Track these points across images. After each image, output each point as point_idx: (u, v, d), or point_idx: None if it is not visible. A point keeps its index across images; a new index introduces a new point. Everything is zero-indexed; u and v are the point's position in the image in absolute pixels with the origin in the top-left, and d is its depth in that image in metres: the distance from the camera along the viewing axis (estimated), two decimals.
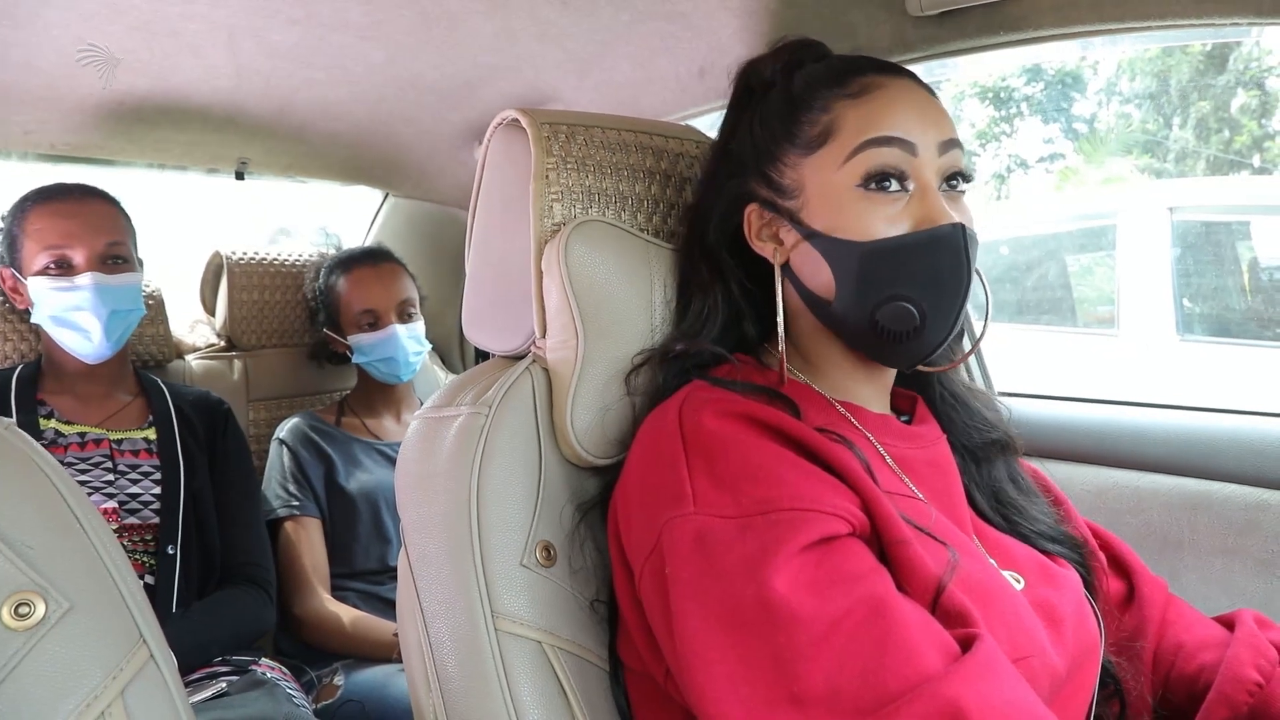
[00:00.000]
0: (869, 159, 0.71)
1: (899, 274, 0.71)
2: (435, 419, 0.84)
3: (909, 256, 0.71)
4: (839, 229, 0.72)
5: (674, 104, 1.44)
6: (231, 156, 1.80)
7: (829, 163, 0.73)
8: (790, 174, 0.76)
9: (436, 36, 1.30)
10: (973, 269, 0.72)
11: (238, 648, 1.38)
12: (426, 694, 0.79)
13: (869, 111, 0.72)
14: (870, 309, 0.71)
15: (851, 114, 0.73)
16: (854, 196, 0.72)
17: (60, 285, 1.36)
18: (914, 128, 0.72)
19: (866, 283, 0.71)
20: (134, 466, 1.40)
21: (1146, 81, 8.64)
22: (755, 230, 0.79)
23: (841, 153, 0.72)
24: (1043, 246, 5.23)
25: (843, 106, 0.73)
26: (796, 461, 0.66)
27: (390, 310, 1.74)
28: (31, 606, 0.58)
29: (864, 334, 0.73)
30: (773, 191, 0.77)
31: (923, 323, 0.71)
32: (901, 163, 0.71)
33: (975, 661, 0.57)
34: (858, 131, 0.72)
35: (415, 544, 0.81)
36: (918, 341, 0.72)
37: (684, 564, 0.62)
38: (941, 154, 0.73)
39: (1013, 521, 0.81)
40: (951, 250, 0.71)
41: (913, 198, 0.72)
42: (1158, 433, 1.28)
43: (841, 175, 0.72)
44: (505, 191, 0.87)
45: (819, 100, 0.75)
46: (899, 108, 0.72)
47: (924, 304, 0.70)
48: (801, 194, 0.75)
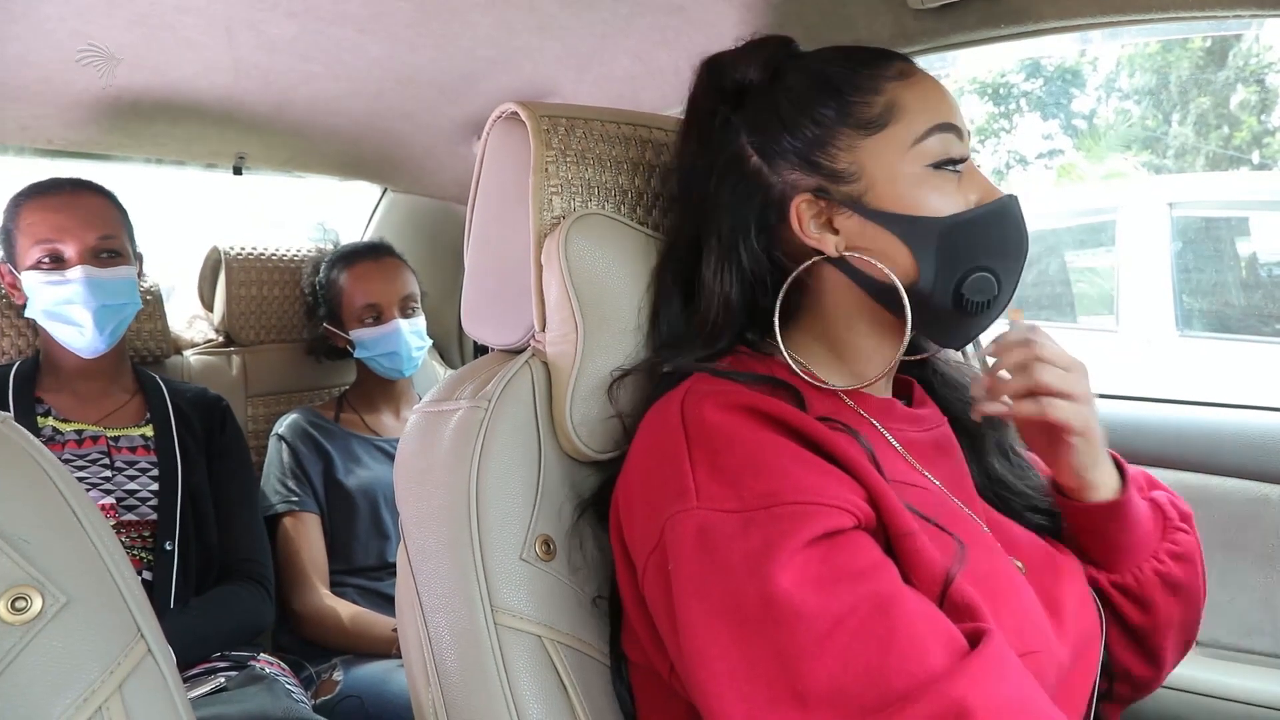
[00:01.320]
0: (942, 143, 0.73)
1: (978, 245, 0.73)
2: (434, 413, 0.83)
3: (985, 228, 0.74)
4: (914, 209, 0.72)
5: (673, 98, 1.43)
6: (229, 152, 1.80)
7: (896, 144, 0.73)
8: (845, 157, 0.73)
9: (435, 30, 1.30)
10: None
11: (236, 643, 1.38)
12: (426, 689, 0.79)
13: (923, 94, 0.74)
14: (956, 282, 0.73)
15: (908, 95, 0.74)
16: (924, 177, 0.73)
17: (52, 279, 1.36)
18: (957, 115, 0.75)
19: (952, 257, 0.72)
20: (131, 463, 1.40)
21: (1146, 77, 8.64)
22: (804, 222, 0.75)
23: (910, 135, 0.73)
24: (1042, 242, 5.22)
25: (895, 88, 0.74)
26: (800, 453, 0.65)
27: (393, 305, 1.74)
28: (28, 600, 0.58)
29: (946, 310, 0.74)
30: (826, 178, 0.74)
31: (999, 290, 0.74)
32: (958, 149, 0.74)
33: (982, 659, 0.57)
34: (924, 114, 0.73)
35: (414, 539, 0.81)
36: (993, 310, 0.75)
37: (687, 560, 0.62)
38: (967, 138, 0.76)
39: (1003, 498, 0.81)
40: (1016, 219, 0.76)
41: (963, 177, 0.74)
42: (1158, 427, 1.28)
43: (911, 156, 0.73)
44: (504, 185, 0.87)
45: (864, 81, 0.74)
46: (943, 95, 0.75)
47: (999, 272, 0.74)
48: (863, 177, 0.73)
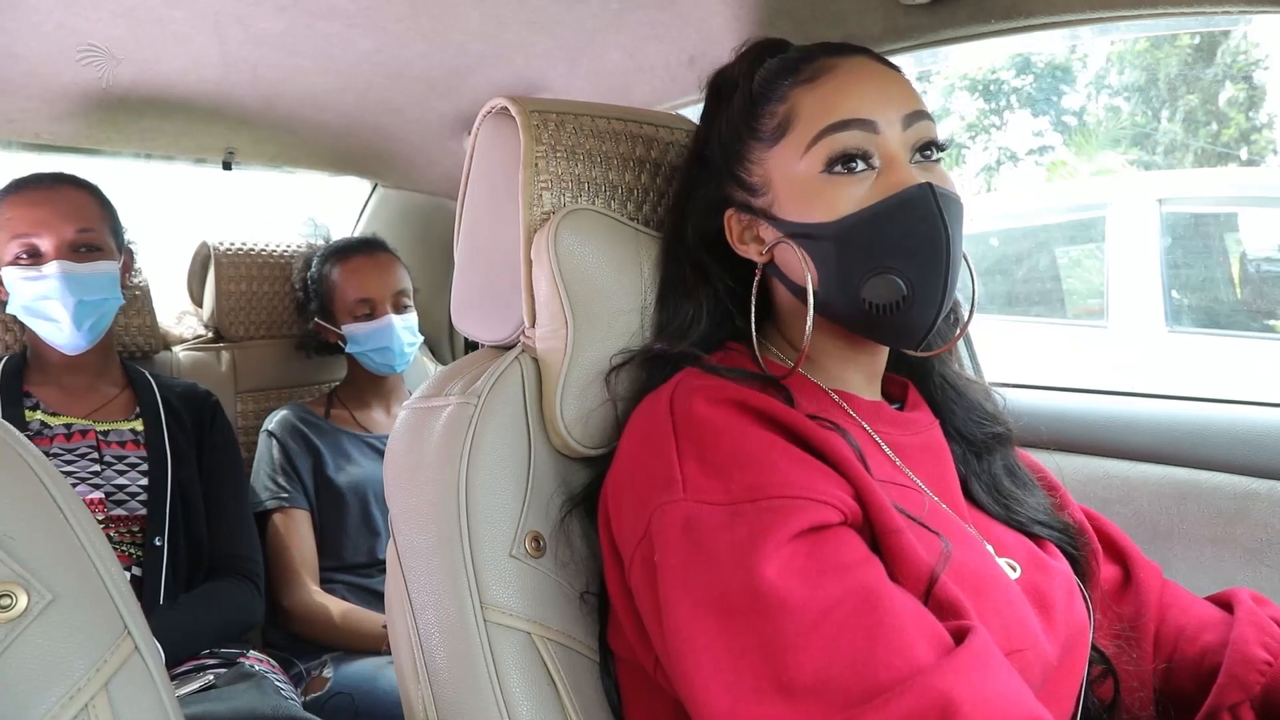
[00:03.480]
0: (830, 145, 0.70)
1: (875, 245, 0.69)
2: (424, 409, 0.83)
3: (881, 225, 0.69)
4: (809, 216, 0.72)
5: (664, 93, 1.43)
6: (219, 146, 1.79)
7: (791, 153, 0.73)
8: (758, 170, 0.75)
9: (425, 24, 1.29)
10: (952, 229, 0.69)
11: (226, 640, 1.37)
12: (416, 685, 0.78)
13: (824, 95, 0.72)
14: (855, 288, 0.70)
15: (807, 100, 0.72)
16: (820, 183, 0.71)
17: (29, 275, 1.34)
18: (872, 106, 0.70)
19: (845, 263, 0.70)
20: (121, 458, 1.39)
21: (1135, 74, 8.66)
22: (737, 234, 0.78)
23: (802, 141, 0.72)
24: (1033, 238, 5.24)
25: (798, 94, 0.73)
26: (788, 449, 0.65)
27: (386, 300, 1.73)
28: (13, 598, 0.58)
29: (857, 316, 0.72)
30: (745, 192, 0.77)
31: (912, 292, 0.69)
32: (863, 143, 0.70)
33: (967, 654, 0.57)
34: (815, 118, 0.71)
35: (404, 535, 0.80)
36: (912, 313, 0.70)
37: (673, 550, 0.62)
38: (906, 127, 0.71)
39: (1011, 510, 0.81)
40: (923, 211, 0.69)
41: (880, 174, 0.71)
42: (1147, 422, 1.28)
43: (805, 164, 0.72)
44: (494, 180, 0.86)
45: (776, 92, 0.74)
46: (854, 88, 0.72)
47: (908, 271, 0.69)
48: (770, 189, 0.75)
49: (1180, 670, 0.82)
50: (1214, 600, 0.85)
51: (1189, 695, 0.80)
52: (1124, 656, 0.81)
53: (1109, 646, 0.80)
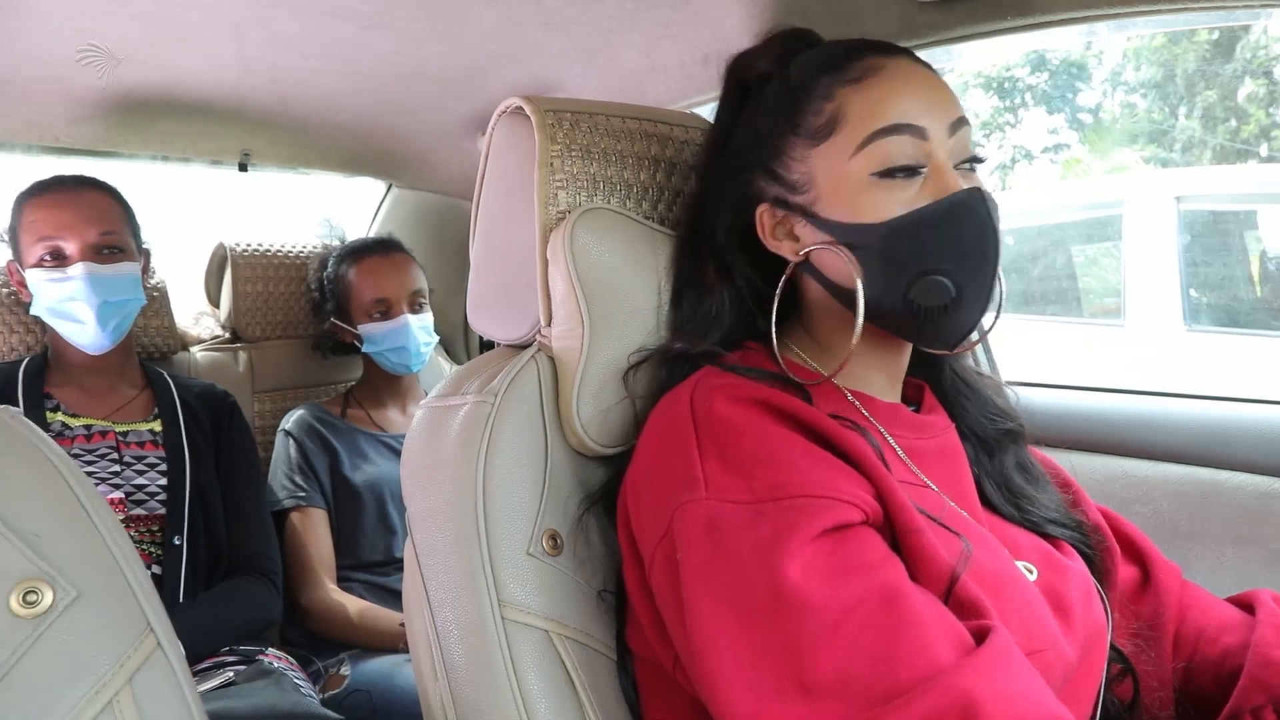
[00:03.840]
0: (881, 149, 0.70)
1: (925, 248, 0.69)
2: (441, 408, 0.83)
3: (932, 228, 0.69)
4: (857, 216, 0.71)
5: (678, 92, 1.43)
6: (235, 149, 1.80)
7: (839, 153, 0.71)
8: (799, 167, 0.74)
9: (440, 25, 1.30)
10: (999, 234, 0.71)
11: (245, 638, 1.38)
12: (434, 682, 0.79)
13: (873, 97, 0.71)
14: (903, 289, 0.70)
15: (856, 100, 0.71)
16: (869, 184, 0.70)
17: (54, 276, 1.36)
18: (921, 111, 0.70)
19: (893, 263, 0.70)
20: (140, 458, 1.40)
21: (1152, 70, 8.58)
22: (769, 230, 0.77)
23: (851, 142, 0.71)
24: (1048, 236, 5.21)
25: (846, 93, 0.72)
26: (809, 448, 0.65)
27: (402, 300, 1.74)
28: (39, 594, 0.58)
29: (901, 316, 0.71)
30: (782, 188, 0.75)
31: (959, 294, 0.69)
32: (914, 149, 0.70)
33: (989, 653, 0.57)
34: (866, 120, 0.70)
35: (421, 533, 0.81)
36: (957, 315, 0.70)
37: (695, 549, 0.61)
38: (952, 134, 0.72)
39: (1024, 510, 0.80)
40: (974, 215, 0.69)
41: (927, 179, 0.71)
42: (1166, 421, 1.27)
43: (854, 165, 0.71)
44: (509, 179, 0.86)
45: (820, 88, 0.73)
46: (904, 91, 0.71)
47: (957, 274, 0.69)
48: (813, 187, 0.73)
49: (1201, 671, 0.81)
50: (1235, 601, 0.85)
51: (1209, 696, 0.79)
52: (1143, 657, 0.80)
53: (1127, 646, 0.80)
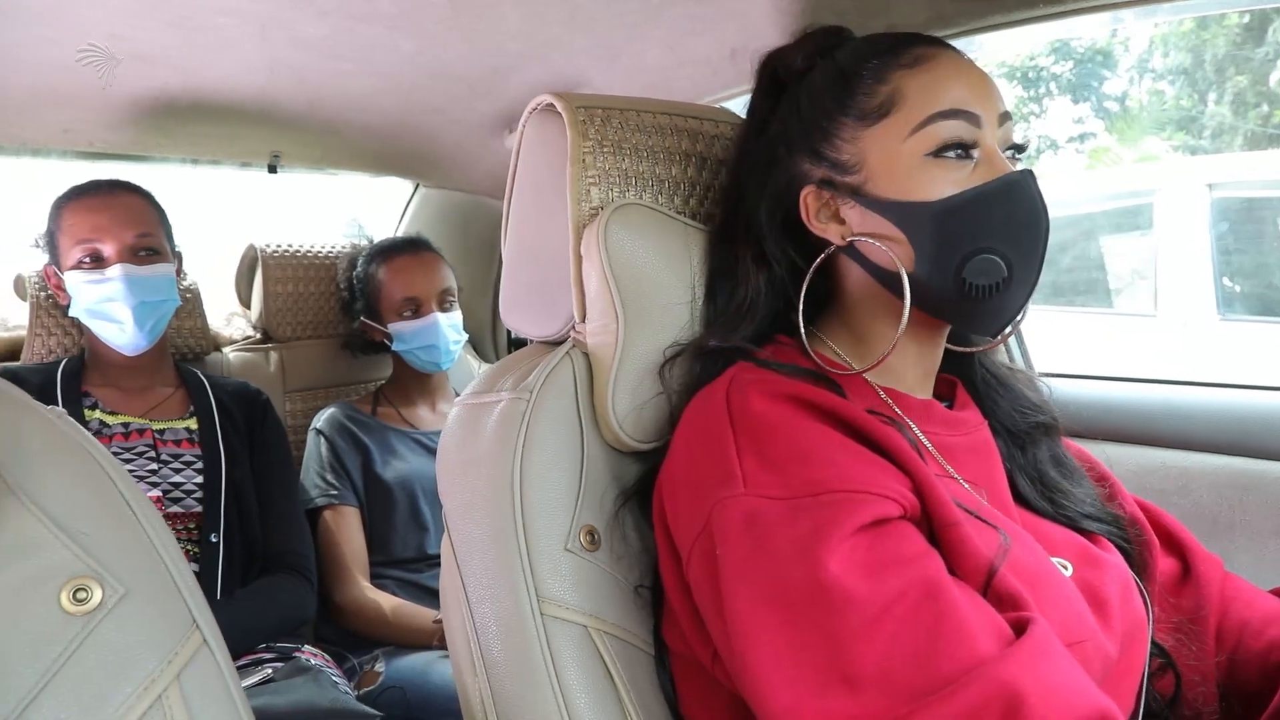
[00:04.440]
0: (938, 131, 0.70)
1: (978, 226, 0.70)
2: (476, 405, 0.84)
3: (985, 206, 0.70)
4: (909, 195, 0.71)
5: (705, 87, 1.43)
6: (264, 150, 1.82)
7: (894, 133, 0.72)
8: (849, 148, 0.74)
9: (465, 25, 1.30)
10: (1049, 218, 0.71)
11: (281, 635, 1.40)
12: (473, 677, 0.79)
13: (930, 81, 0.72)
14: (956, 267, 0.70)
15: (913, 84, 0.72)
16: (923, 164, 0.71)
17: (92, 278, 1.39)
18: (975, 100, 0.71)
19: (946, 241, 0.70)
20: (176, 456, 1.42)
21: (1180, 57, 8.45)
22: (813, 213, 0.77)
23: (908, 124, 0.71)
24: (1076, 227, 5.14)
25: (901, 77, 0.72)
26: (845, 443, 0.65)
27: (432, 298, 1.75)
28: (89, 592, 0.59)
29: (951, 296, 0.71)
30: (830, 169, 0.75)
31: (1010, 273, 0.70)
32: (967, 134, 0.71)
33: (1030, 644, 0.56)
34: (924, 103, 0.71)
35: (459, 529, 0.81)
36: (1007, 295, 0.71)
37: (734, 545, 0.62)
38: (1000, 125, 0.73)
39: (1058, 504, 0.80)
40: (1026, 195, 0.70)
41: (979, 164, 0.71)
42: (1205, 412, 1.26)
43: (909, 145, 0.71)
44: (541, 177, 0.87)
45: (873, 71, 0.74)
46: (961, 79, 0.72)
47: (1010, 254, 0.70)
48: (864, 167, 0.73)
49: (1245, 665, 0.80)
50: (1278, 593, 0.84)
51: (1255, 691, 0.78)
52: (1184, 650, 0.79)
53: (1168, 640, 0.79)
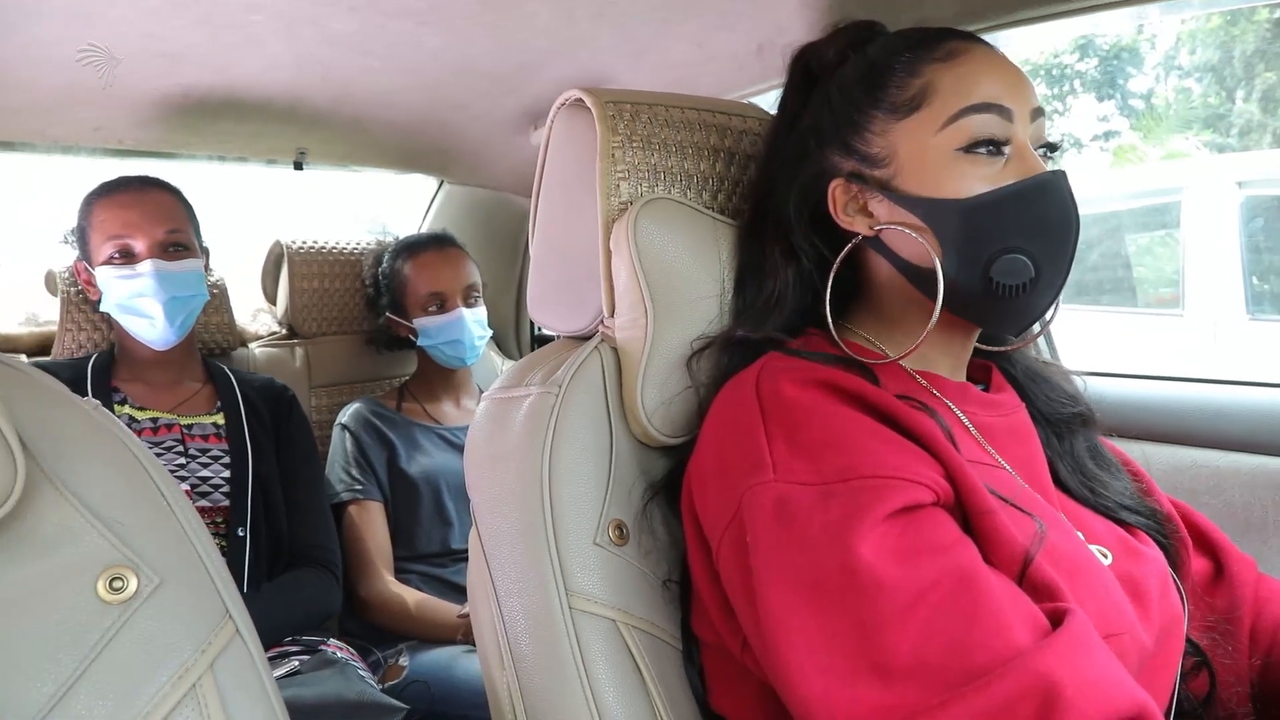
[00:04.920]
0: (970, 125, 0.70)
1: (1007, 225, 0.69)
2: (504, 399, 0.84)
3: (1015, 206, 0.69)
4: (939, 191, 0.71)
5: (732, 83, 1.42)
6: (290, 147, 1.83)
7: (925, 127, 0.71)
8: (879, 141, 0.74)
9: (492, 21, 1.30)
10: (1079, 219, 0.70)
11: (307, 628, 1.41)
12: (500, 671, 0.79)
13: (963, 75, 0.71)
14: (983, 265, 0.69)
15: (946, 77, 0.71)
16: (954, 159, 0.70)
17: (124, 273, 1.41)
18: (1007, 95, 0.71)
19: (974, 239, 0.69)
20: (204, 450, 1.44)
21: (1208, 53, 8.35)
22: (841, 206, 0.77)
23: (939, 117, 0.71)
24: (1101, 225, 5.10)
25: (934, 70, 0.72)
26: (877, 429, 0.64)
27: (457, 294, 1.76)
28: (125, 581, 0.60)
29: (977, 295, 0.71)
30: (860, 162, 0.75)
31: (1038, 274, 0.69)
32: (1000, 129, 0.70)
33: (1067, 636, 0.56)
34: (956, 96, 0.70)
35: (487, 523, 0.81)
36: (1034, 295, 0.70)
37: (765, 532, 0.61)
38: (1033, 120, 0.72)
39: (1097, 494, 0.79)
40: (1058, 196, 0.70)
41: (1010, 160, 0.71)
42: (1238, 410, 1.24)
43: (940, 139, 0.71)
44: (569, 172, 0.87)
45: (906, 65, 0.73)
46: (994, 73, 0.71)
47: (1038, 254, 0.69)
48: (894, 161, 0.73)
49: (1279, 668, 0.79)
50: None
51: None
52: (1218, 650, 0.78)
53: (1202, 640, 0.78)
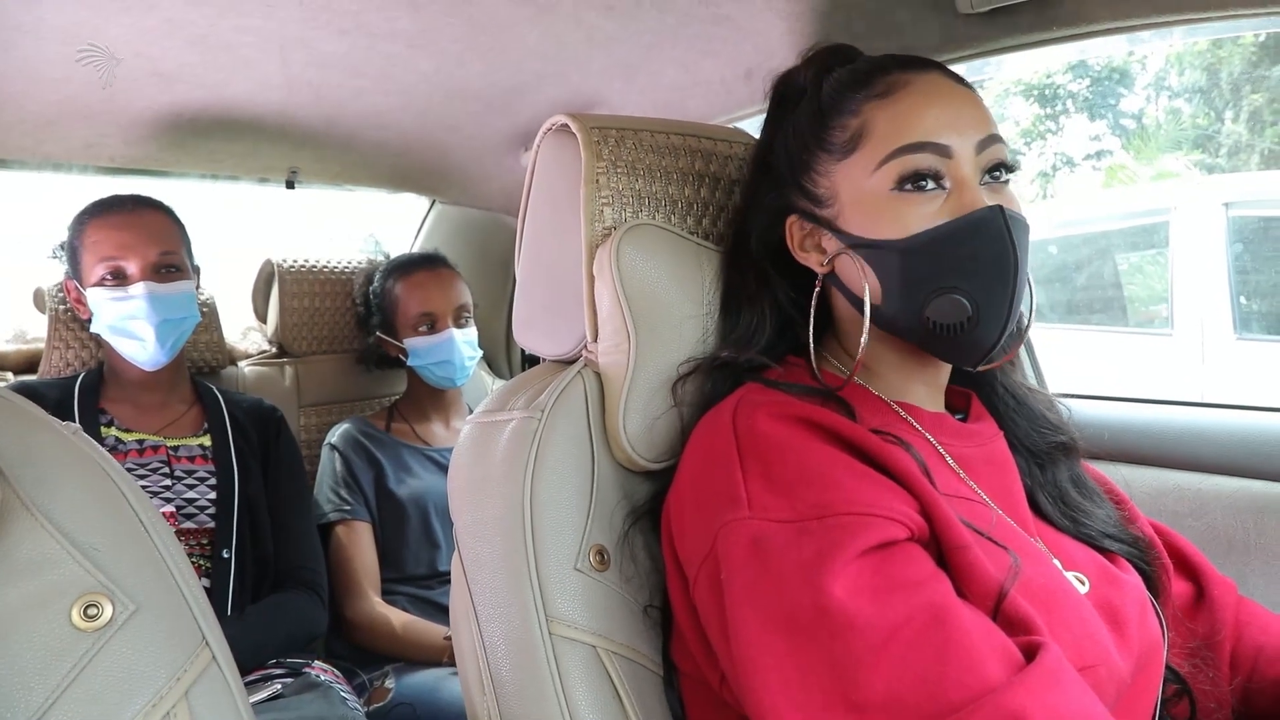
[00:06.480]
0: (902, 165, 0.70)
1: (942, 265, 0.69)
2: (488, 423, 0.84)
3: (950, 246, 0.69)
4: (877, 231, 0.71)
5: (720, 107, 1.44)
6: (282, 166, 1.84)
7: (861, 168, 0.72)
8: (824, 182, 0.75)
9: (483, 44, 1.31)
10: (1020, 252, 0.69)
11: (292, 650, 1.40)
12: (481, 697, 0.79)
13: (898, 114, 0.71)
14: (919, 306, 0.70)
15: (881, 116, 0.72)
16: (889, 199, 0.71)
17: (116, 295, 1.40)
18: (947, 130, 0.70)
19: (910, 280, 0.70)
20: (190, 472, 1.43)
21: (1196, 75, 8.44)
22: (798, 241, 0.78)
23: (874, 159, 0.71)
24: (1092, 245, 5.13)
25: (871, 109, 0.72)
26: (852, 465, 0.65)
27: (448, 314, 1.76)
28: (99, 608, 0.59)
29: (919, 333, 0.72)
30: (810, 201, 0.76)
31: (977, 313, 0.69)
32: (936, 165, 0.70)
33: (1040, 671, 0.56)
34: (889, 137, 0.71)
35: (469, 547, 0.81)
36: (976, 333, 0.70)
37: (740, 569, 0.61)
38: (980, 151, 0.71)
39: (1079, 523, 0.79)
40: (993, 233, 0.68)
41: (950, 194, 0.70)
42: (1220, 433, 1.24)
43: (875, 180, 0.71)
44: (555, 196, 0.87)
45: (848, 104, 0.74)
46: (929, 109, 0.71)
47: (974, 293, 0.69)
48: (836, 201, 0.74)
49: (1260, 691, 0.79)
50: None
51: (1271, 717, 0.77)
52: (1199, 675, 0.78)
53: (1183, 665, 0.78)
